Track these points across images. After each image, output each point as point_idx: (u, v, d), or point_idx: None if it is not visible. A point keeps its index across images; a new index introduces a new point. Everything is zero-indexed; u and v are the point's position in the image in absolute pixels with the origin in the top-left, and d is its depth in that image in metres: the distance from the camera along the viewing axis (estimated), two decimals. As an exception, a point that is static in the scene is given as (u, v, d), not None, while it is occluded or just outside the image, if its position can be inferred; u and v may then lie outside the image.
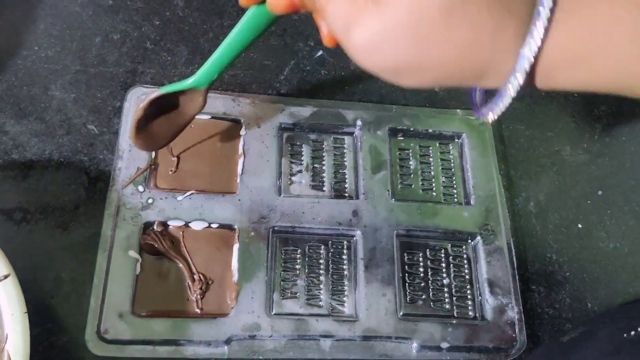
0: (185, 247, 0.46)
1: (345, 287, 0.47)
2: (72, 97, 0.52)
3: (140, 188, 0.48)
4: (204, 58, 0.44)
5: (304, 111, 0.53)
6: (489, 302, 0.47)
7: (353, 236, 0.49)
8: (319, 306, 0.46)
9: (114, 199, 0.47)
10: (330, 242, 0.49)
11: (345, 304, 0.46)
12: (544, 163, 0.56)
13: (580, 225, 0.53)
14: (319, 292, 0.47)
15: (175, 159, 0.50)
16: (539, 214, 0.53)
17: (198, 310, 0.44)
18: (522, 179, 0.55)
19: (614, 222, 0.54)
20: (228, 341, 0.43)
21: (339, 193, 0.51)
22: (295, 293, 0.46)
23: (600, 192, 0.55)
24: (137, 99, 0.51)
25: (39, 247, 0.46)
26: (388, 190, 0.51)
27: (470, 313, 0.48)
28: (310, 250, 0.48)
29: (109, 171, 0.49)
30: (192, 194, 0.48)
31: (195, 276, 0.45)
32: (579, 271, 0.51)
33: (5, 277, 0.37)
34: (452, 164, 0.54)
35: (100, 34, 0.55)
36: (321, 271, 0.47)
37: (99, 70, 0.54)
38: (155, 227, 0.46)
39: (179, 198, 0.48)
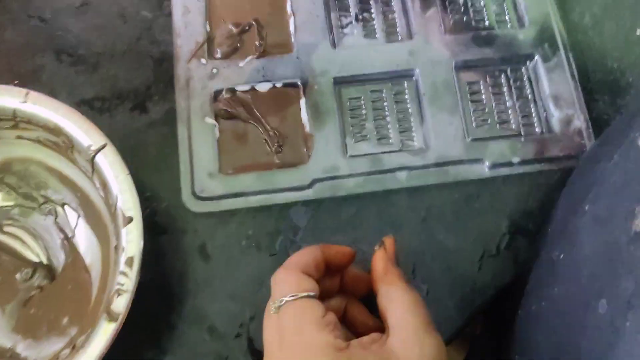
0: (256, 109, 0.49)
1: (412, 123, 0.49)
2: None
3: (203, 60, 0.50)
4: None
5: (347, -37, 0.53)
6: (555, 116, 0.49)
7: (412, 75, 0.50)
8: (390, 144, 0.48)
9: (182, 74, 0.49)
10: (390, 83, 0.50)
11: (415, 138, 0.49)
12: (595, -25, 0.54)
13: (638, 32, 0.52)
14: (388, 132, 0.49)
15: (231, 28, 0.51)
16: (595, 25, 0.52)
17: (279, 162, 0.47)
18: None
19: (673, 22, 0.52)
20: (312, 184, 0.46)
21: (392, 37, 0.52)
22: (366, 135, 0.49)
23: (657, -5, 0.54)
24: (182, -22, 0.52)
25: (123, 129, 0.49)
26: (441, 25, 0.51)
27: (537, 129, 0.49)
28: (374, 95, 0.50)
29: (170, 51, 0.51)
30: (251, 58, 0.50)
31: (270, 132, 0.48)
32: (642, 75, 0.51)
33: (103, 146, 0.41)
34: (501, -10, 0.53)
35: None
36: (386, 112, 0.49)
37: None
38: (224, 94, 0.49)
39: (241, 64, 0.50)
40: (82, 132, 0.41)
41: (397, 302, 0.36)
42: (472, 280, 0.45)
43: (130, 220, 0.39)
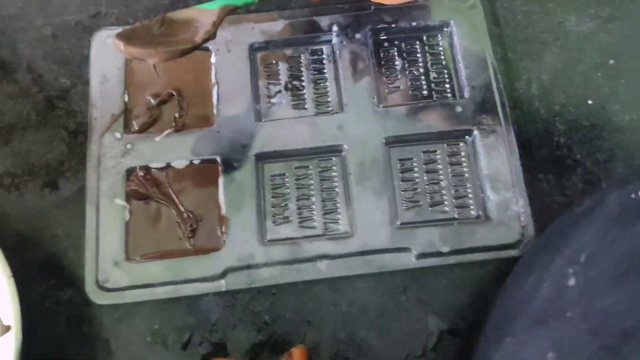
0: (171, 188, 0.46)
1: (338, 205, 0.46)
2: (40, 53, 0.51)
3: (118, 135, 0.47)
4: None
5: (276, 26, 0.50)
6: (492, 199, 0.45)
7: (340, 151, 0.47)
8: (313, 227, 0.45)
9: (94, 149, 0.47)
10: (317, 160, 0.47)
11: (340, 222, 0.45)
12: (545, 39, 0.51)
13: (590, 102, 0.48)
14: (312, 214, 0.45)
15: (149, 99, 0.48)
16: (542, 96, 0.49)
17: (191, 248, 0.44)
18: (523, 60, 0.50)
19: (628, 92, 0.49)
20: (224, 274, 0.43)
21: (321, 109, 0.48)
22: (288, 217, 0.45)
23: (612, 61, 0.50)
24: (103, 44, 0.50)
25: (32, 208, 0.46)
26: (374, 97, 0.48)
27: (472, 213, 0.45)
28: (298, 173, 0.46)
29: (86, 122, 0.48)
30: (169, 132, 0.47)
31: (184, 214, 0.45)
32: (592, 152, 0.47)
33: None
34: (442, 57, 0.50)
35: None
36: (312, 192, 0.46)
37: (62, 20, 0.52)
38: (138, 172, 0.46)
39: (157, 139, 0.47)
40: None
41: None
42: (395, 384, 0.42)
43: (7, 329, 0.36)
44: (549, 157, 0.47)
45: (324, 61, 0.50)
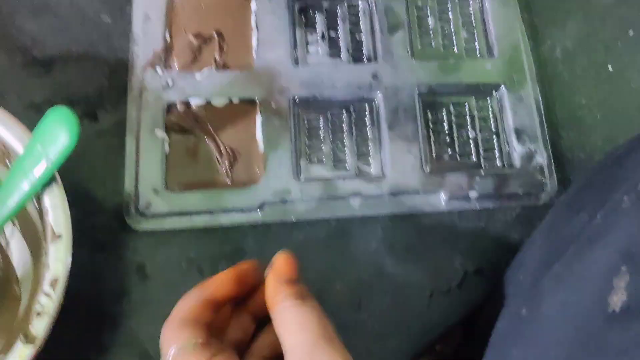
0: (210, 124, 0.47)
1: (370, 149, 0.47)
2: None
3: (159, 70, 0.48)
4: None
5: (316, -22, 0.52)
6: (517, 150, 0.47)
7: (374, 99, 0.49)
8: (346, 169, 0.47)
9: (136, 83, 0.48)
10: (352, 106, 0.49)
11: (372, 165, 0.47)
12: (569, 8, 0.53)
13: (610, 68, 0.51)
14: (345, 156, 0.47)
15: (191, 38, 0.49)
16: (566, 59, 0.51)
17: (229, 181, 0.45)
18: (547, 26, 0.53)
19: (646, 60, 0.51)
20: (261, 206, 0.45)
21: (357, 58, 0.50)
22: (321, 158, 0.47)
23: (631, 33, 0.52)
24: (146, -16, 0.51)
25: None
26: (407, 50, 0.50)
27: (497, 163, 0.47)
28: (333, 117, 0.48)
29: (127, 59, 0.49)
30: (210, 71, 0.48)
31: (222, 149, 0.46)
32: (611, 113, 0.49)
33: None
34: (472, 18, 0.52)
35: None
36: (345, 135, 0.48)
37: None
38: (178, 107, 0.47)
39: (198, 77, 0.48)
40: (17, 140, 0.39)
41: (288, 322, 0.33)
42: (421, 318, 0.44)
43: (58, 237, 0.37)
44: (571, 116, 0.49)
45: (360, 14, 0.52)
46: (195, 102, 0.47)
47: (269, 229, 0.45)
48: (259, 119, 0.47)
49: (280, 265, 0.35)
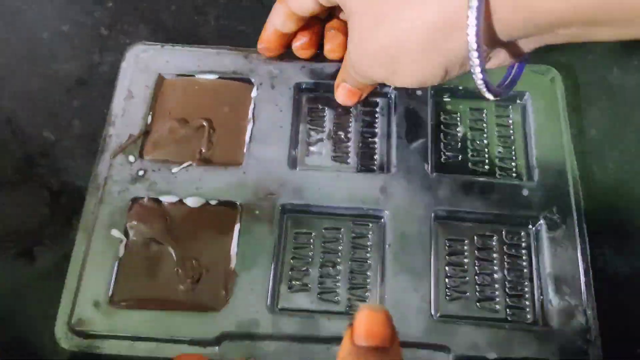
0: (178, 229, 0.39)
1: (368, 280, 0.38)
2: (23, 105, 0.45)
3: (131, 158, 0.41)
4: (168, 35, 0.42)
5: (328, 68, 0.44)
6: (553, 304, 0.37)
7: (380, 217, 0.40)
8: (335, 302, 0.38)
9: (102, 170, 0.41)
10: (351, 224, 0.40)
11: (368, 301, 0.38)
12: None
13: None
14: (336, 285, 0.38)
15: (173, 124, 0.43)
16: (620, 184, 0.41)
17: (187, 302, 0.37)
18: (603, 144, 0.43)
19: None
20: (219, 340, 0.36)
21: (366, 165, 0.42)
22: (307, 285, 0.38)
23: None
24: (136, 58, 0.45)
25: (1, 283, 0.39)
26: (427, 163, 0.41)
27: (528, 317, 0.37)
28: (328, 234, 0.40)
29: (72, 182, 0.42)
30: (189, 165, 0.41)
31: (187, 261, 0.38)
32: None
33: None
34: (511, 131, 0.43)
35: (48, 28, 0.48)
36: (339, 259, 0.39)
37: (51, 70, 0.46)
38: (145, 203, 0.40)
39: (174, 170, 0.41)
40: None
41: None
42: None
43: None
44: (625, 269, 0.39)
45: (377, 114, 0.44)
46: (166, 200, 0.40)
47: (226, 369, 0.35)
48: (237, 228, 0.39)
49: (360, 322, 0.25)
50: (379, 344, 0.25)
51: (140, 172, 0.40)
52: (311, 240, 0.39)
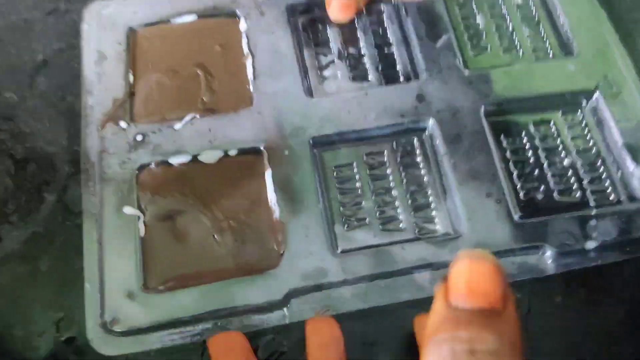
0: (200, 189, 0.33)
1: (431, 198, 0.33)
2: None
3: (123, 124, 0.35)
4: None
5: (319, -19, 0.39)
6: (636, 175, 0.33)
7: (425, 128, 0.35)
8: (400, 230, 0.33)
9: (92, 146, 0.34)
10: (394, 142, 0.35)
11: (436, 220, 0.33)
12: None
13: None
14: (396, 212, 0.33)
15: (160, 77, 0.36)
16: None
17: (235, 267, 0.31)
18: None
19: None
20: (287, 299, 0.30)
21: (390, 77, 0.37)
22: (364, 219, 0.33)
23: None
24: (98, 15, 0.38)
25: None
26: (458, 59, 0.36)
27: (612, 196, 0.33)
28: (370, 160, 0.34)
29: (40, 148, 0.35)
30: (193, 118, 0.35)
31: (222, 223, 0.32)
32: None
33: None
34: (532, 9, 0.39)
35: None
36: (392, 184, 0.34)
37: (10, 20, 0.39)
38: (153, 169, 0.33)
39: (177, 126, 0.35)
40: None
41: None
42: None
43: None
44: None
45: (385, 23, 0.39)
46: (177, 161, 0.34)
47: (304, 332, 0.30)
48: (268, 175, 0.33)
49: (457, 277, 0.19)
50: (487, 306, 0.18)
51: (139, 137, 0.34)
52: (354, 171, 0.34)
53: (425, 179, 0.34)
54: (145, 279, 0.31)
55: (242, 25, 0.38)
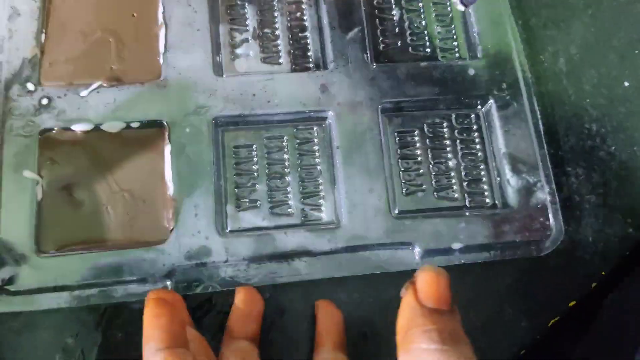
0: (100, 158, 0.34)
1: (321, 187, 0.36)
2: None
3: (30, 86, 0.35)
4: None
5: (239, -45, 0.39)
6: (511, 183, 0.36)
7: (324, 118, 0.37)
8: (288, 214, 0.35)
9: (-4, 104, 0.35)
10: (295, 130, 0.37)
11: (322, 208, 0.35)
12: (574, 5, 0.42)
13: (626, 83, 0.40)
14: (286, 197, 0.35)
15: (72, 40, 0.37)
16: (571, 72, 0.40)
17: (125, 239, 0.33)
18: (547, 28, 0.41)
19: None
20: (170, 274, 0.32)
21: (300, 64, 0.38)
22: (255, 201, 0.35)
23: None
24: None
25: None
26: (366, 53, 0.38)
27: (487, 200, 0.36)
28: (270, 144, 0.36)
29: None
30: (100, 86, 0.35)
31: (117, 195, 0.34)
32: (628, 143, 0.38)
33: None
34: (448, 9, 0.40)
35: None
36: (287, 169, 0.36)
37: None
38: (55, 134, 0.34)
39: (83, 93, 0.35)
40: None
41: None
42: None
43: None
44: (578, 147, 0.38)
45: (304, 4, 0.39)
46: (79, 128, 0.35)
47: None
48: (167, 150, 0.35)
49: (425, 283, 0.25)
50: (445, 307, 0.24)
51: (44, 101, 0.35)
52: (253, 153, 0.36)
53: (319, 168, 0.36)
54: (38, 242, 0.32)
55: (160, -7, 0.38)
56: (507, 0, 0.40)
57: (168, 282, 0.32)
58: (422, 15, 0.40)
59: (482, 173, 0.37)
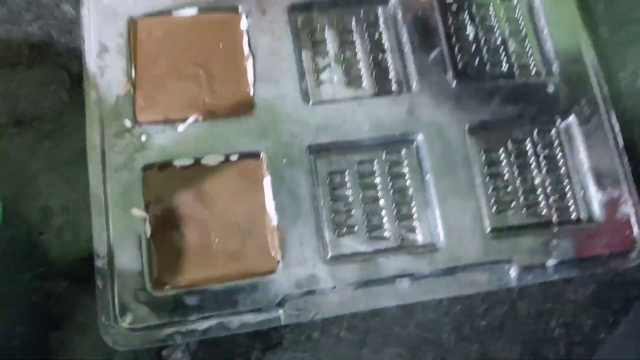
0: (203, 192, 0.35)
1: (414, 209, 0.37)
2: None
3: (128, 123, 0.36)
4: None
5: (320, -20, 0.39)
6: (596, 197, 0.37)
7: (412, 141, 0.38)
8: (385, 238, 0.36)
9: (96, 142, 0.35)
10: (384, 152, 0.38)
11: (417, 230, 0.36)
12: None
13: None
14: (382, 221, 0.36)
15: (163, 74, 0.37)
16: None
17: (237, 271, 0.34)
18: (625, 45, 0.42)
19: None
20: (281, 303, 0.34)
21: (383, 86, 0.39)
22: (353, 226, 0.36)
23: None
24: (97, 2, 0.38)
25: (18, 169, 0.36)
26: (448, 73, 0.39)
27: (573, 216, 0.37)
28: (361, 168, 0.37)
29: None
30: (196, 120, 0.36)
31: (223, 227, 0.35)
32: None
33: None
34: (521, 23, 0.41)
35: None
36: (379, 193, 0.37)
37: None
38: (156, 170, 0.35)
39: (180, 128, 0.36)
40: None
41: None
42: None
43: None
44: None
45: (382, 26, 0.40)
46: (180, 163, 0.36)
47: (295, 332, 0.34)
48: (266, 180, 0.36)
49: None
50: None
51: (143, 138, 0.36)
52: (346, 178, 0.37)
53: (411, 190, 0.37)
54: (152, 279, 0.34)
55: (243, 23, 0.39)
56: (579, 16, 0.41)
57: (280, 311, 0.34)
58: (497, 33, 0.41)
59: (567, 188, 0.38)
